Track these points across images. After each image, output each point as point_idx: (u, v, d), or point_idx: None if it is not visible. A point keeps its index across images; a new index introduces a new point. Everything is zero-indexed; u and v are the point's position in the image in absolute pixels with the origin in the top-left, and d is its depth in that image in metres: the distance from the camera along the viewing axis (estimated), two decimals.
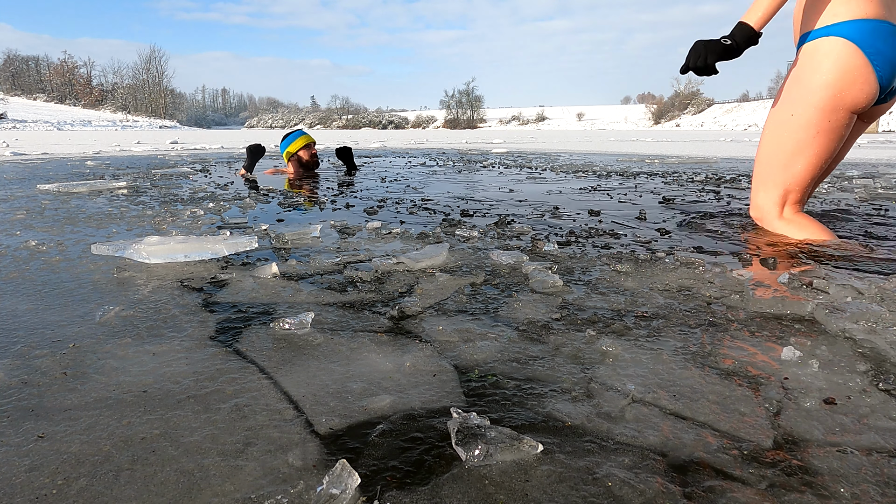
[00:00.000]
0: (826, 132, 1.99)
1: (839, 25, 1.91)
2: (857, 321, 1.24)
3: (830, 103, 1.95)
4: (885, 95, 1.99)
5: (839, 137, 2.01)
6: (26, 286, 1.55)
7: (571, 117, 75.49)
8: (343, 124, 77.92)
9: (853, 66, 1.89)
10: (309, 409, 0.90)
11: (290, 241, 2.12)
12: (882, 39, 1.88)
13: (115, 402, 0.92)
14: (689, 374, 1.02)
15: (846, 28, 1.90)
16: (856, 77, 1.89)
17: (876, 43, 1.88)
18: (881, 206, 3.18)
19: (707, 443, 0.81)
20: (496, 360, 1.09)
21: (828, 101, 1.95)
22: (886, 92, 1.98)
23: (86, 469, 0.75)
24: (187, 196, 3.52)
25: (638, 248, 2.01)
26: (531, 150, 11.24)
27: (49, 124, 47.60)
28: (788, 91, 2.07)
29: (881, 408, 0.91)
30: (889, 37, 1.89)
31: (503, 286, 1.55)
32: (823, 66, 1.94)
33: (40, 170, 5.78)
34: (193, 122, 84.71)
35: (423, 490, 0.71)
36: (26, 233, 2.32)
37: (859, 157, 8.28)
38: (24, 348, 1.13)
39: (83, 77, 78.30)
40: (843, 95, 1.92)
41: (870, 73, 1.89)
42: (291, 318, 1.24)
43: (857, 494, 0.70)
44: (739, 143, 15.48)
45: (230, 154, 9.28)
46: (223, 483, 0.72)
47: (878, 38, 1.88)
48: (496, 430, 0.79)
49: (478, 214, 2.83)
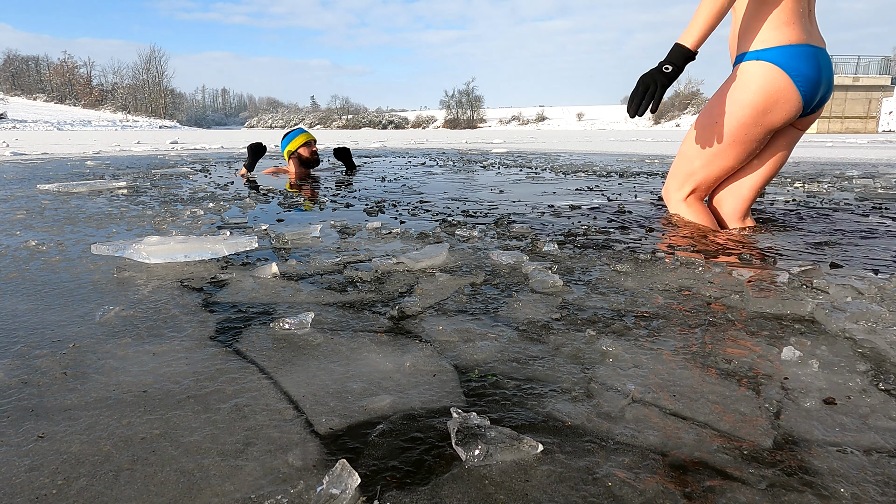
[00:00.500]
0: (740, 143, 2.25)
1: (767, 51, 2.15)
2: (857, 321, 1.24)
3: (752, 120, 2.19)
4: (813, 108, 2.25)
5: (751, 150, 2.30)
6: (26, 286, 1.55)
7: (571, 117, 75.55)
8: (343, 124, 77.91)
9: (778, 88, 2.13)
10: (309, 409, 0.90)
11: (290, 241, 2.12)
12: (804, 62, 2.12)
13: (115, 402, 0.92)
14: (689, 374, 1.02)
15: (773, 53, 2.14)
16: (780, 98, 2.14)
17: (799, 66, 2.12)
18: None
19: (707, 443, 0.81)
20: (496, 360, 1.09)
21: (749, 118, 2.19)
22: (812, 105, 2.23)
23: (86, 469, 0.75)
24: (187, 196, 3.52)
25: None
26: (531, 150, 11.24)
27: (49, 124, 47.61)
28: (718, 101, 2.29)
29: (881, 408, 0.91)
30: (810, 59, 2.13)
31: (503, 286, 1.55)
32: (751, 87, 2.17)
33: (40, 170, 5.78)
34: (193, 122, 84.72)
35: (423, 490, 0.71)
36: (26, 233, 2.32)
37: (859, 157, 8.28)
38: (24, 348, 1.13)
39: (83, 77, 78.30)
40: (766, 114, 2.17)
41: (794, 93, 2.14)
42: (291, 318, 1.24)
43: (857, 494, 0.70)
44: None
45: (230, 154, 9.28)
46: (223, 483, 0.72)
47: (801, 61, 2.12)
48: (496, 430, 0.79)
49: (479, 215, 2.83)
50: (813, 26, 2.22)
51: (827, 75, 2.21)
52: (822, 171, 5.87)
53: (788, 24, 2.13)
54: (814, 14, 2.25)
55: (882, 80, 31.62)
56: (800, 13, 2.15)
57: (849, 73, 31.83)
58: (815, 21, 2.27)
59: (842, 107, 31.98)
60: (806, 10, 2.19)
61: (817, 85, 2.17)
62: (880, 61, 31.89)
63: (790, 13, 2.13)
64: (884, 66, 31.84)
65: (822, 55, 2.19)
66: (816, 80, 2.15)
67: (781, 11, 2.14)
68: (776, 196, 3.64)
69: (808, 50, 2.13)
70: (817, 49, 2.16)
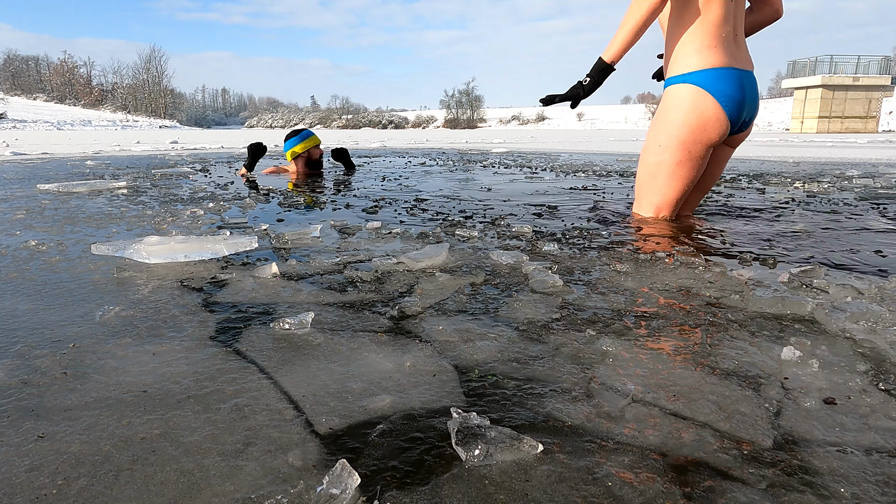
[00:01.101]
0: (687, 161, 2.40)
1: (691, 74, 2.32)
2: (857, 321, 1.24)
3: (691, 138, 2.35)
4: (741, 126, 2.42)
5: (699, 166, 2.43)
6: (26, 286, 1.55)
7: (571, 117, 75.51)
8: (343, 124, 77.87)
9: (705, 108, 2.30)
10: (309, 409, 0.90)
11: (290, 241, 2.12)
12: (727, 84, 2.28)
13: (115, 402, 0.92)
14: (689, 374, 1.02)
15: (697, 76, 2.30)
16: (708, 117, 2.30)
17: (723, 87, 2.28)
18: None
19: (707, 443, 0.81)
20: (496, 360, 1.09)
21: (688, 136, 2.35)
22: (739, 124, 2.39)
23: (86, 469, 0.75)
24: (187, 196, 3.52)
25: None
26: (531, 149, 11.24)
27: (49, 124, 47.58)
28: (657, 123, 2.47)
29: (881, 408, 0.91)
30: (734, 81, 2.29)
31: (503, 286, 1.55)
32: (682, 108, 2.35)
33: (40, 170, 5.78)
34: (193, 121, 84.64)
35: (423, 490, 0.71)
36: (26, 233, 2.32)
37: (859, 157, 8.28)
38: (24, 348, 1.13)
39: (83, 77, 78.29)
40: (702, 132, 2.33)
41: (720, 113, 2.30)
42: (291, 318, 1.24)
43: (857, 494, 0.70)
44: None
45: (230, 154, 9.28)
46: (223, 483, 0.72)
47: (725, 83, 2.28)
48: (496, 430, 0.79)
49: (477, 216, 2.83)
50: (739, 49, 2.36)
51: (751, 96, 2.36)
52: (822, 170, 5.87)
53: (712, 48, 2.28)
54: (741, 38, 2.39)
55: (882, 79, 31.60)
56: (723, 37, 2.29)
57: (849, 73, 31.82)
58: (744, 44, 2.41)
59: (842, 107, 31.96)
60: (731, 35, 2.33)
61: (741, 105, 2.32)
62: (880, 61, 31.87)
63: (713, 37, 2.27)
64: (884, 66, 31.82)
65: (747, 77, 2.34)
66: (740, 100, 2.31)
67: (705, 36, 2.28)
68: (776, 196, 3.64)
69: (731, 72, 2.28)
70: (741, 72, 2.31)
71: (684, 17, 2.32)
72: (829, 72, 31.96)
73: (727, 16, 2.29)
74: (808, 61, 32.84)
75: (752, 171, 5.86)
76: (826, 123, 32.14)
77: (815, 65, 32.43)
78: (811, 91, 32.50)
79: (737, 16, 2.35)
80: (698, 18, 2.28)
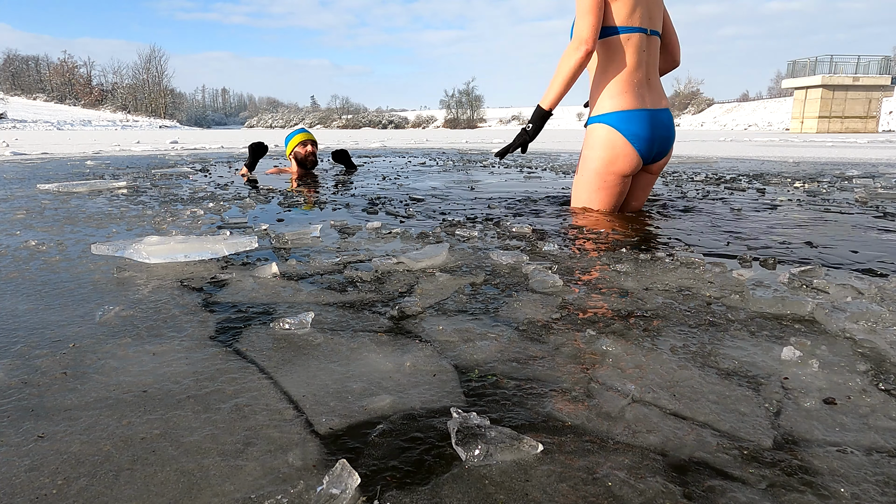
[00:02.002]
0: (603, 189, 2.76)
1: (606, 115, 2.68)
2: (857, 321, 1.24)
3: (603, 170, 2.71)
4: (654, 157, 2.76)
5: (617, 192, 2.77)
6: (26, 286, 1.55)
7: (571, 117, 75.49)
8: (343, 124, 77.84)
9: (616, 146, 2.65)
10: (309, 409, 0.90)
11: (290, 241, 2.12)
12: (636, 124, 2.63)
13: (115, 402, 0.92)
14: (689, 374, 1.02)
15: (609, 117, 2.67)
16: (619, 153, 2.66)
17: (631, 127, 2.63)
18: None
19: (707, 443, 0.81)
20: (496, 359, 1.09)
21: (602, 168, 2.72)
22: (652, 156, 2.74)
23: (86, 469, 0.75)
24: (187, 196, 3.52)
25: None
26: (531, 149, 11.23)
27: (49, 124, 47.56)
28: (580, 158, 2.85)
29: (881, 408, 0.91)
30: (643, 121, 2.64)
31: (503, 286, 1.55)
32: (596, 144, 2.72)
33: (40, 169, 5.78)
34: (193, 121, 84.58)
35: (423, 490, 0.71)
36: (26, 233, 2.32)
37: (859, 157, 8.28)
38: (24, 348, 1.13)
39: (83, 77, 78.24)
40: (613, 165, 2.68)
41: (630, 149, 2.65)
42: (291, 318, 1.24)
43: (857, 494, 0.70)
44: (739, 142, 15.47)
45: (230, 154, 9.28)
46: (223, 483, 0.72)
47: (633, 123, 2.63)
48: (496, 429, 0.79)
49: (478, 219, 2.83)
50: (652, 91, 2.71)
51: (660, 133, 2.69)
52: (822, 170, 5.87)
53: (624, 94, 2.64)
54: (654, 80, 2.75)
55: (882, 79, 31.59)
56: (635, 84, 2.66)
57: (849, 73, 31.82)
58: (658, 85, 2.77)
59: (842, 107, 31.95)
60: (643, 80, 2.69)
61: (651, 142, 2.67)
62: (880, 61, 31.85)
63: (625, 84, 2.64)
64: (884, 66, 31.80)
65: (657, 116, 2.68)
66: (649, 137, 2.65)
67: (618, 83, 2.65)
68: (776, 195, 3.64)
69: (640, 113, 2.64)
70: (651, 111, 2.67)
71: (602, 66, 2.71)
72: (829, 72, 31.96)
73: (640, 64, 2.66)
74: (808, 61, 32.83)
75: (752, 170, 5.86)
76: (826, 123, 32.13)
77: (815, 65, 32.42)
78: (811, 91, 32.50)
79: (649, 62, 2.71)
80: (614, 67, 2.66)
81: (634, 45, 2.63)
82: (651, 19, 2.69)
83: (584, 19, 2.55)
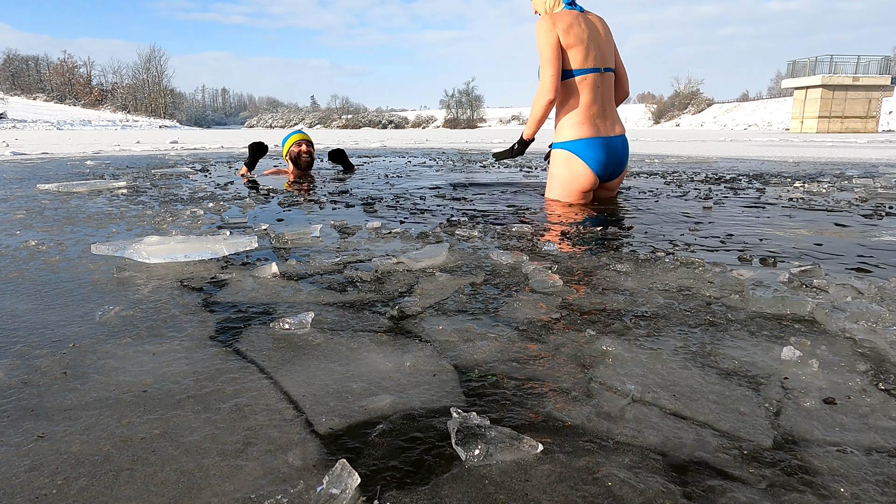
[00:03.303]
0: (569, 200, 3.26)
1: (568, 143, 3.22)
2: (857, 321, 1.24)
3: (567, 186, 3.25)
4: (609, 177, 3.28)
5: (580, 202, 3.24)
6: (26, 286, 1.55)
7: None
8: (343, 124, 77.82)
9: (576, 168, 3.19)
10: (309, 408, 0.90)
11: (290, 241, 2.12)
12: (593, 149, 3.16)
13: (115, 402, 0.92)
14: (689, 374, 1.02)
15: (571, 144, 3.20)
16: (578, 175, 3.19)
17: (588, 152, 3.16)
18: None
19: (707, 443, 0.81)
20: (496, 359, 1.09)
21: (566, 185, 3.25)
22: (607, 176, 3.25)
23: (86, 469, 0.75)
24: (187, 196, 3.52)
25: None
26: (531, 149, 11.23)
27: (49, 124, 47.54)
28: (549, 173, 3.39)
29: (881, 408, 0.91)
30: (598, 147, 3.17)
31: (503, 286, 1.55)
32: (560, 165, 3.27)
33: (40, 169, 5.78)
34: (193, 121, 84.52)
35: (423, 490, 0.71)
36: (26, 233, 2.32)
37: (859, 157, 8.28)
38: (24, 348, 1.13)
39: (83, 77, 78.20)
40: (573, 183, 3.22)
41: (588, 171, 3.18)
42: (291, 318, 1.24)
43: (857, 494, 0.70)
44: (739, 142, 15.47)
45: (230, 154, 9.28)
46: (223, 483, 0.72)
47: (590, 149, 3.16)
48: (496, 429, 0.79)
49: (477, 219, 2.83)
50: (606, 120, 3.23)
51: (613, 157, 3.22)
52: (822, 170, 5.87)
53: (582, 124, 3.17)
54: (610, 110, 3.27)
55: (882, 79, 31.58)
56: (591, 116, 3.18)
57: (849, 73, 31.81)
58: (613, 113, 3.29)
59: (842, 107, 31.94)
60: (599, 111, 3.21)
61: (606, 164, 3.19)
62: (880, 61, 31.84)
63: (583, 116, 3.17)
64: (884, 66, 31.78)
65: (611, 142, 3.21)
66: (604, 161, 3.17)
67: (577, 115, 3.18)
68: (775, 195, 3.64)
69: (596, 141, 3.16)
70: (606, 138, 3.19)
71: (563, 101, 3.24)
72: (828, 72, 31.94)
73: (595, 99, 3.19)
74: (808, 61, 32.81)
75: (752, 170, 5.86)
76: (826, 123, 32.13)
77: (815, 65, 32.41)
78: (811, 91, 32.48)
79: (604, 96, 3.24)
80: (573, 102, 3.19)
81: (589, 83, 3.17)
82: (603, 59, 3.23)
83: (545, 70, 3.12)
